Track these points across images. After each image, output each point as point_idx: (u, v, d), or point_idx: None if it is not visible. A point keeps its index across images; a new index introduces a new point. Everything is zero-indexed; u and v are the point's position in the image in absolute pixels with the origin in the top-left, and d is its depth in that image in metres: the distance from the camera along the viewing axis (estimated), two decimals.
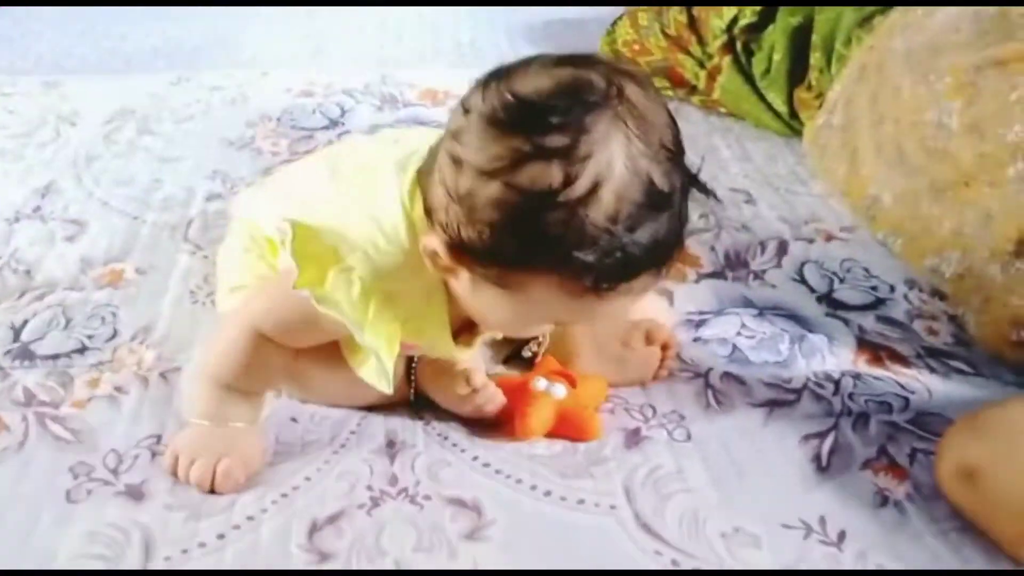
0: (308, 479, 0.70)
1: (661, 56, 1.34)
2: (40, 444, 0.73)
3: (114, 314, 0.89)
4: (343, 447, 0.73)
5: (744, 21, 1.25)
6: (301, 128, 1.28)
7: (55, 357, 0.83)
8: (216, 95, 1.37)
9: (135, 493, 0.69)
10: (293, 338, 0.71)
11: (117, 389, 0.79)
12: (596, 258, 0.56)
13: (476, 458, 0.73)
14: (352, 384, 0.73)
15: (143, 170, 1.16)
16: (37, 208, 1.07)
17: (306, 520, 0.67)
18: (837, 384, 0.81)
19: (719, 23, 1.27)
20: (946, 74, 0.96)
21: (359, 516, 0.67)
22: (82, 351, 0.84)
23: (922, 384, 0.81)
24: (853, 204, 1.06)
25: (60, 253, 0.98)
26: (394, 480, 0.71)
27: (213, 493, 0.69)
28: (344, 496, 0.69)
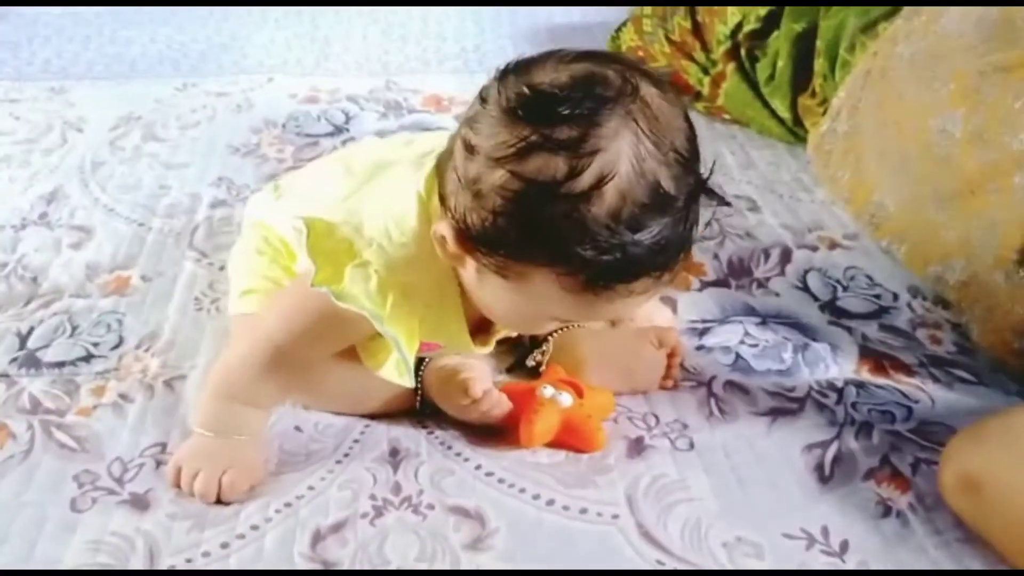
0: (312, 488, 0.71)
1: (665, 62, 1.34)
2: (45, 452, 0.74)
3: (120, 321, 0.89)
4: (347, 456, 0.74)
5: (748, 27, 1.25)
6: (306, 135, 1.28)
7: (61, 365, 0.83)
8: (221, 101, 1.38)
9: (139, 502, 0.69)
10: (311, 346, 0.71)
11: (122, 397, 0.80)
12: (595, 254, 0.56)
13: (479, 467, 0.73)
14: (362, 387, 0.73)
15: (149, 176, 1.17)
16: (43, 215, 1.07)
17: (310, 529, 0.67)
18: (840, 393, 0.81)
19: (723, 29, 1.27)
20: (950, 81, 0.96)
21: (362, 525, 0.68)
22: (88, 359, 0.84)
23: (925, 393, 0.81)
24: (857, 211, 1.06)
25: (66, 260, 0.99)
26: (397, 489, 0.71)
27: (218, 503, 0.69)
28: (347, 505, 0.69)
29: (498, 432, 0.75)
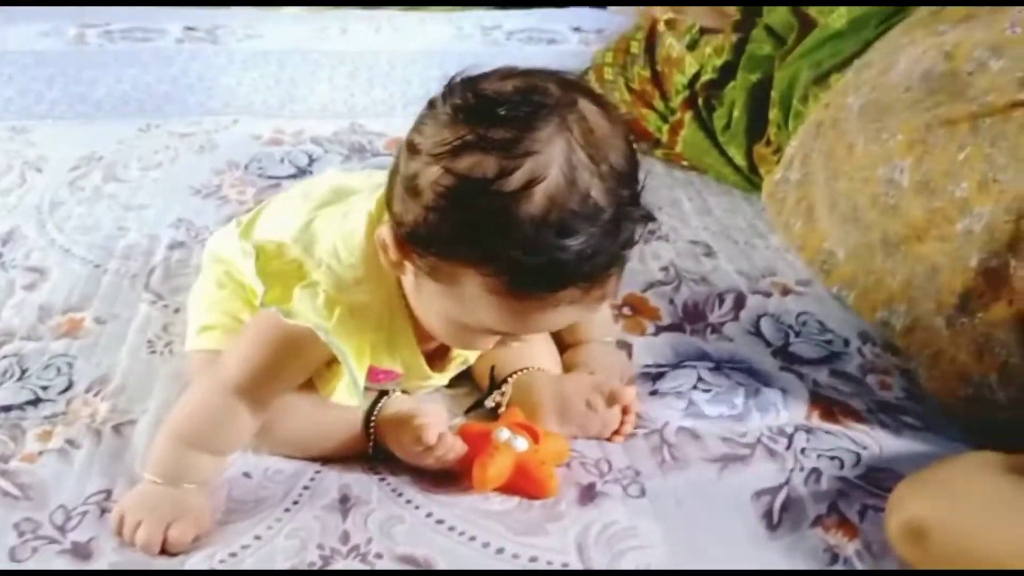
0: (258, 538, 0.70)
1: (626, 110, 1.37)
2: None
3: (70, 364, 0.88)
4: (295, 504, 0.73)
5: (706, 77, 1.28)
6: (268, 176, 1.28)
7: (7, 409, 0.82)
8: (184, 142, 1.38)
9: (82, 551, 0.68)
10: (271, 383, 0.71)
11: (69, 443, 0.78)
12: (520, 254, 0.58)
13: (430, 515, 0.73)
14: (319, 426, 0.74)
15: (107, 217, 1.16)
16: None
17: None
18: (790, 439, 0.82)
19: (681, 79, 1.30)
20: (898, 132, 0.99)
21: None
22: (36, 403, 0.83)
23: (873, 439, 0.82)
24: (808, 258, 1.08)
25: (19, 301, 0.98)
26: (346, 538, 0.70)
27: (163, 553, 0.68)
28: (295, 555, 0.68)
29: (451, 475, 0.75)
